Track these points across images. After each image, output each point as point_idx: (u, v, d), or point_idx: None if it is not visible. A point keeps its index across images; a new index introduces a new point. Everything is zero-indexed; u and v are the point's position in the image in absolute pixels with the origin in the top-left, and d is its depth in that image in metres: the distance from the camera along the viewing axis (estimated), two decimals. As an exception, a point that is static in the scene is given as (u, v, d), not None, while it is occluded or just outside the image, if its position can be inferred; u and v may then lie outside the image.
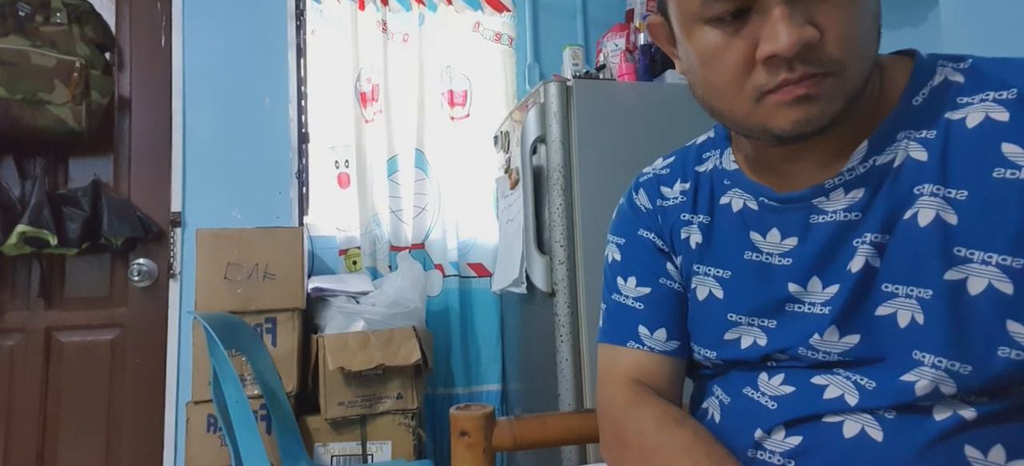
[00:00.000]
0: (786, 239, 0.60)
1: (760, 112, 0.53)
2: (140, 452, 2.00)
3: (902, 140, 0.54)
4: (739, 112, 0.54)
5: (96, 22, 1.95)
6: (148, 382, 2.03)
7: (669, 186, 0.73)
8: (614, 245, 0.76)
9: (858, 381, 0.55)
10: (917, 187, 0.53)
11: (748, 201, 0.64)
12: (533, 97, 1.76)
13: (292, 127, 2.20)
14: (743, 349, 0.63)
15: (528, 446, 0.91)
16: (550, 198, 1.66)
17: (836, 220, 0.57)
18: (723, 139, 0.70)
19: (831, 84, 0.50)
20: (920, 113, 0.55)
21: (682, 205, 0.71)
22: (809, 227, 0.58)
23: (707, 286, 0.67)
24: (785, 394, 0.60)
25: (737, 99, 0.53)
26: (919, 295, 0.52)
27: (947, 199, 0.51)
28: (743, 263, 0.64)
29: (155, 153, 2.09)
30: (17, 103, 1.75)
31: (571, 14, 2.53)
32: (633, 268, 0.73)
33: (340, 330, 1.83)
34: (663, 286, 0.71)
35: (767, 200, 0.62)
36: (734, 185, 0.66)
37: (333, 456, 1.78)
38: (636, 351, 0.70)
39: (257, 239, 1.82)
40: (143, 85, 2.11)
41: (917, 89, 0.56)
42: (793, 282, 0.59)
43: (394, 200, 2.28)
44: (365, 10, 2.28)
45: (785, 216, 0.60)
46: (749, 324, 0.63)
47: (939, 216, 0.51)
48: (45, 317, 1.97)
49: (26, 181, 1.93)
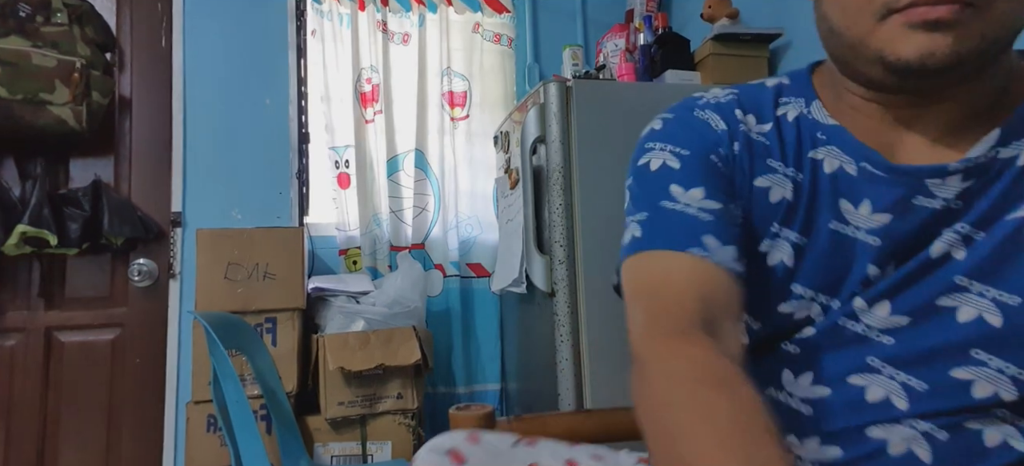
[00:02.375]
0: (878, 214, 0.53)
1: (882, 33, 0.46)
2: (140, 452, 2.00)
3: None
4: (858, 31, 0.48)
5: (97, 22, 1.96)
6: (148, 382, 2.03)
7: (745, 115, 0.60)
8: (669, 152, 0.60)
9: (907, 382, 0.51)
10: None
11: (846, 164, 0.55)
12: (533, 97, 1.76)
13: (292, 127, 2.20)
14: (794, 319, 0.56)
15: (527, 446, 0.91)
16: (550, 198, 1.66)
17: (939, 207, 0.51)
18: (804, 88, 0.60)
19: (971, 15, 0.44)
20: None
21: (768, 148, 0.58)
22: (909, 207, 0.52)
23: (780, 252, 0.56)
24: (820, 398, 0.54)
25: (861, 14, 0.47)
26: (1001, 298, 0.49)
27: None
28: (825, 232, 0.55)
29: (155, 153, 2.10)
30: (18, 103, 1.76)
31: (571, 14, 2.54)
32: (700, 179, 0.57)
33: (340, 330, 1.83)
34: (734, 211, 0.57)
35: (871, 166, 0.53)
36: (831, 142, 0.56)
37: (333, 456, 1.78)
38: (699, 259, 0.53)
39: (257, 239, 1.82)
40: (144, 85, 2.11)
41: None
42: (874, 264, 0.53)
43: (394, 200, 2.28)
44: (365, 10, 2.28)
45: (886, 189, 0.53)
46: (812, 300, 0.55)
47: None
48: (45, 317, 1.98)
49: (27, 181, 1.94)
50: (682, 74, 1.91)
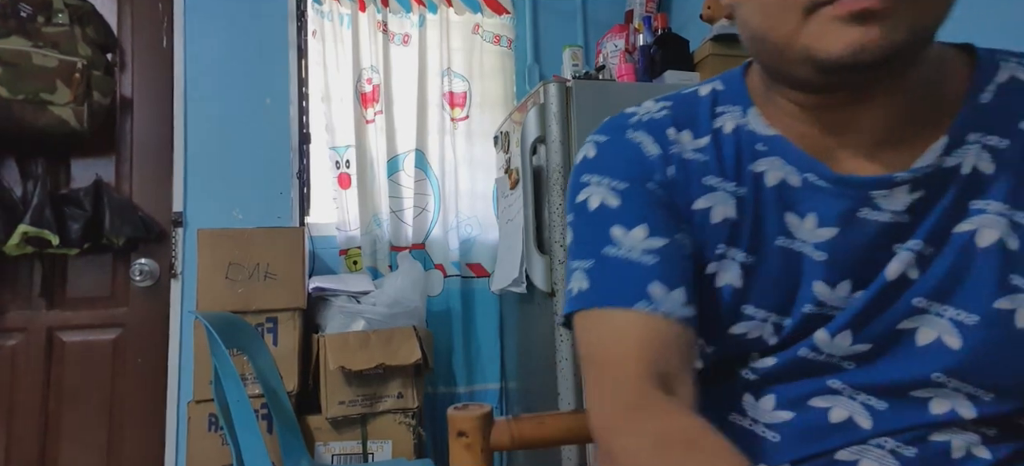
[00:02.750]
0: (823, 228, 0.51)
1: (809, 30, 0.43)
2: (141, 451, 2.01)
3: (973, 144, 0.49)
4: (783, 31, 0.45)
5: (98, 23, 1.96)
6: (149, 381, 2.03)
7: (678, 132, 0.57)
8: (605, 187, 0.56)
9: (867, 402, 0.51)
10: (978, 202, 0.48)
11: (789, 175, 0.52)
12: (533, 97, 1.77)
13: (293, 127, 2.21)
14: (747, 339, 0.54)
15: (526, 446, 0.91)
16: (550, 198, 1.67)
17: (887, 221, 0.49)
18: (741, 94, 0.57)
19: (901, 4, 0.41)
20: (990, 114, 0.49)
21: (704, 165, 0.55)
22: (854, 220, 0.50)
23: (728, 274, 0.54)
24: (784, 421, 0.53)
25: (784, 12, 0.44)
26: (958, 317, 0.48)
27: (1014, 224, 0.47)
28: (773, 250, 0.53)
29: (156, 153, 2.10)
30: (19, 103, 1.76)
31: (571, 15, 2.54)
32: (642, 215, 0.54)
33: (341, 330, 1.84)
34: (680, 243, 0.54)
35: (816, 177, 0.51)
36: (772, 152, 0.53)
37: (334, 455, 1.79)
38: (647, 317, 0.50)
39: (258, 239, 1.82)
40: (144, 85, 2.12)
41: (983, 84, 0.50)
42: (821, 281, 0.51)
43: (395, 200, 2.28)
44: (366, 11, 2.28)
45: (831, 201, 0.50)
46: (763, 320, 0.53)
47: (1002, 241, 0.47)
48: (47, 317, 1.98)
49: (28, 181, 1.94)
50: (682, 74, 1.91)
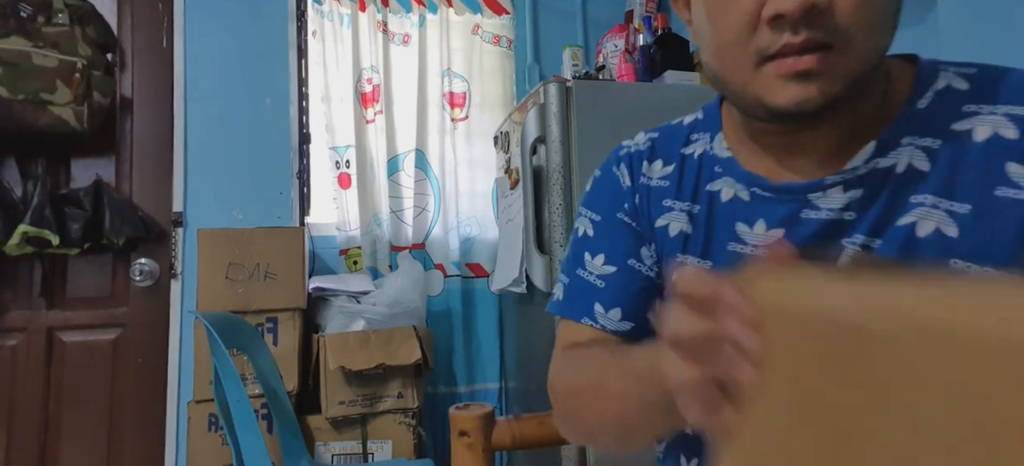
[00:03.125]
0: (770, 230, 0.58)
1: (759, 81, 0.51)
2: (141, 451, 2.01)
3: (907, 146, 0.54)
4: (739, 78, 0.52)
5: (97, 22, 1.96)
6: (149, 381, 2.03)
7: (651, 164, 0.70)
8: (587, 219, 0.73)
9: None
10: (915, 197, 0.53)
11: (740, 191, 0.61)
12: (533, 97, 1.77)
13: (293, 127, 2.21)
14: None
15: (527, 445, 0.91)
16: (550, 198, 1.67)
17: (829, 218, 0.55)
18: (713, 121, 0.66)
19: (834, 61, 0.48)
20: (925, 119, 0.54)
21: (665, 189, 0.67)
22: (797, 220, 0.57)
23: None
24: None
25: (739, 62, 0.51)
26: None
27: (949, 212, 0.51)
28: (727, 255, 0.61)
29: (157, 153, 2.10)
30: (19, 103, 1.76)
31: (571, 15, 2.54)
32: (603, 246, 0.70)
33: (341, 330, 1.84)
34: (631, 267, 0.68)
35: (760, 190, 0.59)
36: (726, 173, 0.62)
37: (334, 455, 1.79)
38: (590, 328, 0.68)
39: (258, 239, 1.82)
40: (145, 85, 2.12)
41: (921, 93, 0.55)
42: None
43: (395, 200, 2.28)
44: (366, 11, 2.28)
45: (775, 207, 0.58)
46: None
47: (939, 229, 0.52)
48: (47, 317, 1.98)
49: (28, 181, 1.94)
50: (681, 75, 1.91)
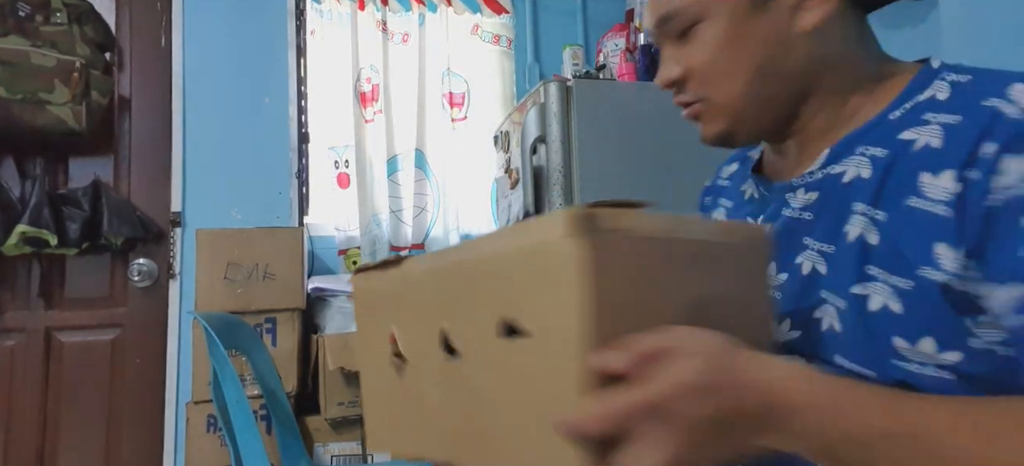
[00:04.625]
0: (765, 224, 0.64)
1: None
2: (140, 452, 2.00)
3: (858, 155, 0.56)
4: None
5: (96, 22, 1.96)
6: (148, 382, 2.03)
7: (728, 166, 0.79)
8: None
9: None
10: (855, 203, 0.54)
11: (754, 191, 0.69)
12: (533, 97, 1.76)
13: (292, 127, 2.20)
14: None
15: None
16: (550, 198, 1.66)
17: (793, 216, 0.60)
18: None
19: (707, 110, 0.60)
20: (886, 128, 0.55)
21: (725, 188, 0.77)
22: (778, 217, 0.62)
23: None
24: None
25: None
26: (838, 305, 0.54)
27: (874, 220, 0.52)
28: None
29: (155, 153, 2.09)
30: (17, 103, 1.76)
31: (571, 14, 2.54)
32: None
33: (340, 330, 1.83)
34: None
35: (763, 190, 0.67)
36: (749, 175, 0.71)
37: (333, 456, 1.78)
38: None
39: (257, 239, 1.82)
40: (143, 85, 2.11)
41: (902, 103, 0.56)
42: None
43: (394, 200, 2.28)
44: (365, 10, 2.28)
45: (768, 205, 0.65)
46: None
47: (863, 236, 0.53)
48: (45, 317, 1.97)
49: (26, 181, 1.93)
50: (682, 74, 1.91)
